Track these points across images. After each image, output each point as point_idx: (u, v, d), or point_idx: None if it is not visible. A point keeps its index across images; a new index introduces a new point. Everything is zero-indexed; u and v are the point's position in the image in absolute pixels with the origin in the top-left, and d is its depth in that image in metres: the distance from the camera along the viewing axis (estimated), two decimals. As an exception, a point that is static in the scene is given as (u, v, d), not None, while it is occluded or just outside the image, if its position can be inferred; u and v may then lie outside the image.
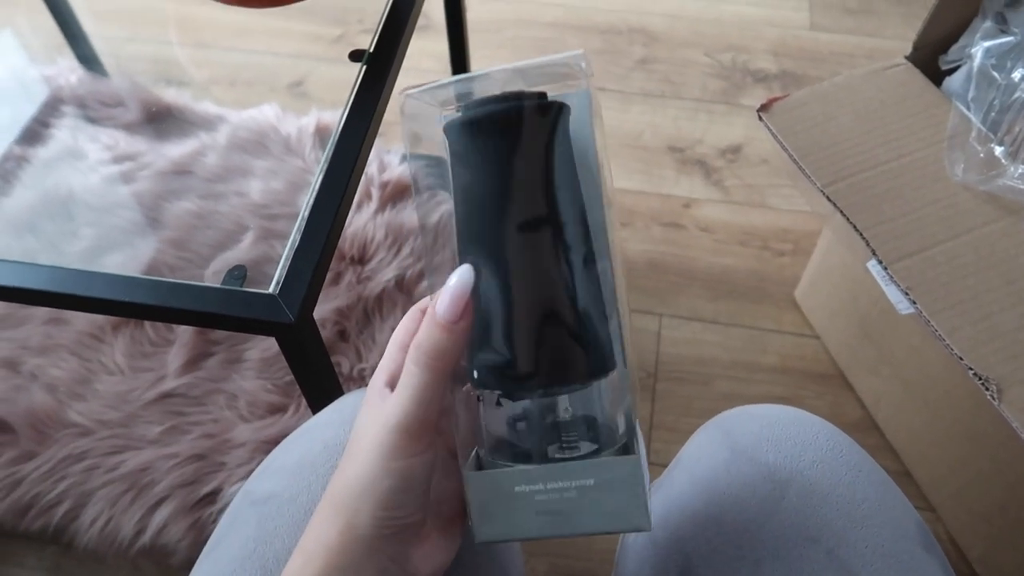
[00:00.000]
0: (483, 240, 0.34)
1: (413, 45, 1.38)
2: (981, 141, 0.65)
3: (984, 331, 0.58)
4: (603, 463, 0.32)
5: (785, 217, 1.16)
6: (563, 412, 0.35)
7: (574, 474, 0.32)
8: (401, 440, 0.32)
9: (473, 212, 0.34)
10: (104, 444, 0.84)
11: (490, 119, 0.34)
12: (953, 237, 0.63)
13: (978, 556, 0.85)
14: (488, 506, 0.33)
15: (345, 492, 0.33)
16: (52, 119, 1.08)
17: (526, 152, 0.34)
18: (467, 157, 0.34)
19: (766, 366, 1.02)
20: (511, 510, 0.33)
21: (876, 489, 0.42)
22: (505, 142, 0.34)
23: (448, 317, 0.32)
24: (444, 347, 0.32)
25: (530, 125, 0.34)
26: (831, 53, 1.40)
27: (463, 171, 0.35)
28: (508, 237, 0.33)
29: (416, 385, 0.32)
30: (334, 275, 0.96)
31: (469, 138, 0.34)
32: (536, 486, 0.32)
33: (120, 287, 0.50)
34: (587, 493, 0.32)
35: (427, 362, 0.32)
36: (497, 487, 0.33)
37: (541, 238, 0.33)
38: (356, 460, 0.33)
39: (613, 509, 0.32)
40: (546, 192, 0.34)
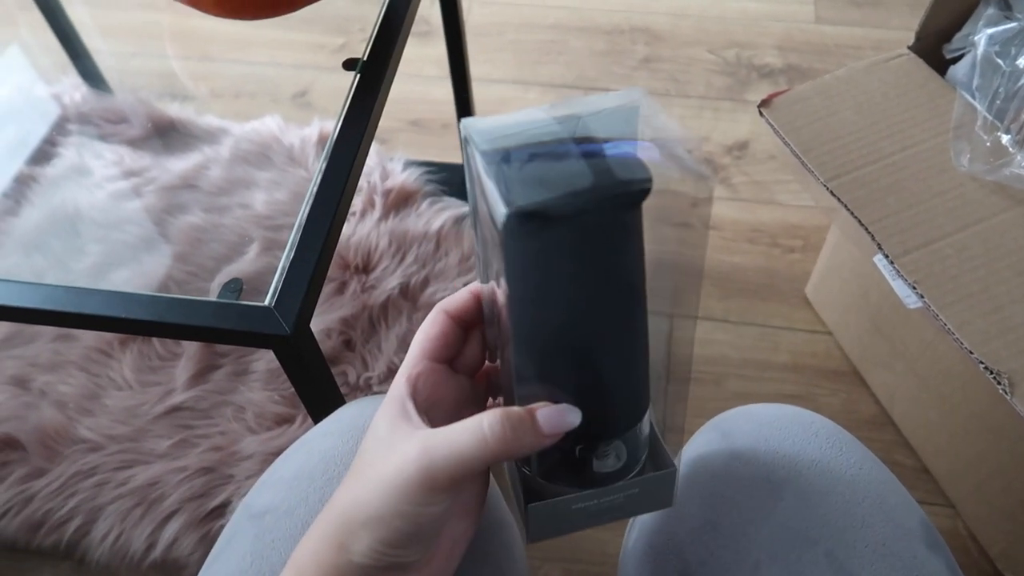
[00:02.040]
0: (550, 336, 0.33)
1: (414, 51, 1.39)
2: (987, 130, 0.63)
3: (995, 324, 0.57)
4: (649, 479, 0.36)
5: (794, 213, 1.15)
6: (614, 457, 0.37)
7: (624, 488, 0.36)
8: (420, 491, 0.30)
9: (540, 307, 0.32)
10: (113, 459, 0.85)
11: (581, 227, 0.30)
12: (961, 229, 0.61)
13: (999, 552, 0.83)
14: (546, 524, 0.36)
15: (349, 516, 0.31)
16: (58, 137, 1.09)
17: (611, 255, 0.32)
18: (540, 258, 0.31)
19: (778, 364, 1.01)
20: (566, 521, 0.36)
21: (877, 487, 0.42)
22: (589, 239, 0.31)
23: (547, 432, 0.32)
24: (526, 442, 0.31)
25: (626, 227, 0.32)
26: (837, 46, 1.38)
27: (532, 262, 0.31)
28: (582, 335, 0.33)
29: (474, 450, 0.30)
30: (338, 284, 0.96)
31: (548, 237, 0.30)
32: (591, 502, 0.35)
33: (116, 304, 0.50)
34: (632, 498, 0.36)
35: (505, 439, 0.30)
36: (557, 511, 0.35)
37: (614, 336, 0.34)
38: (368, 486, 0.31)
39: (648, 504, 0.37)
40: (630, 283, 0.33)
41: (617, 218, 0.31)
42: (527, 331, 0.33)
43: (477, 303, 0.37)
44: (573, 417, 0.32)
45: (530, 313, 0.32)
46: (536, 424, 0.31)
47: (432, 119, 1.30)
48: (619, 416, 0.35)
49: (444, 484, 0.30)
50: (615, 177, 0.30)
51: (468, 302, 0.37)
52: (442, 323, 0.37)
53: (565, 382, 0.33)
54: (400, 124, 1.29)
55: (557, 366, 0.33)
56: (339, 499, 0.33)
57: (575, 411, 0.33)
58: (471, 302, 0.37)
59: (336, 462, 0.43)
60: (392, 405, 0.34)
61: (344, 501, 0.32)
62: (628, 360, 0.34)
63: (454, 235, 1.01)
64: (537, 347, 0.33)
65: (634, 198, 0.31)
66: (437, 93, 1.32)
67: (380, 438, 0.33)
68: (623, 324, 0.34)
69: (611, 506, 0.36)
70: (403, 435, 0.32)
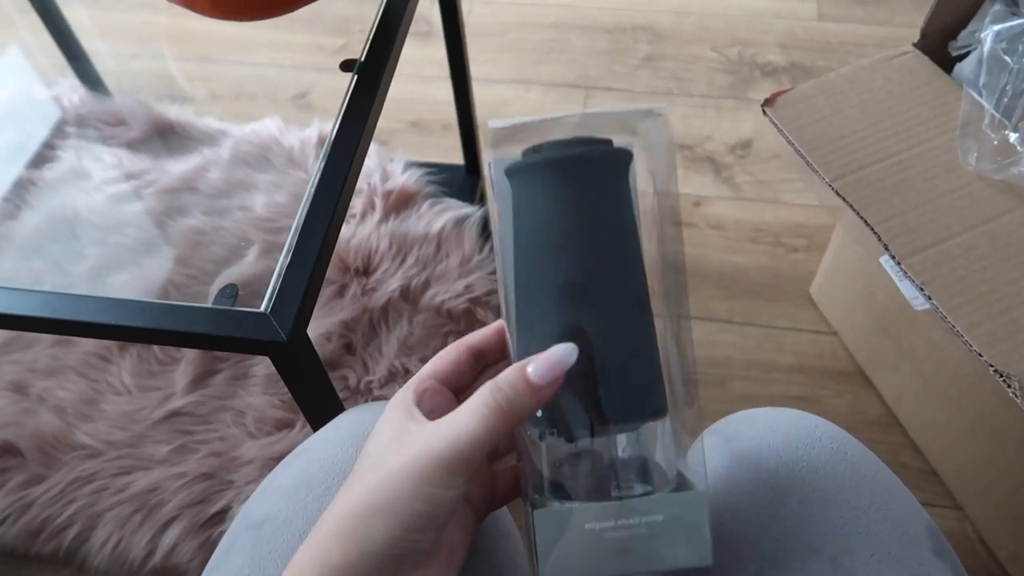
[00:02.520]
0: (549, 285, 0.34)
1: (415, 52, 1.38)
2: (994, 128, 0.62)
3: (1004, 325, 0.56)
4: (673, 498, 0.33)
5: (798, 212, 1.14)
6: (621, 452, 0.35)
7: (644, 510, 0.33)
8: (440, 471, 0.31)
9: (538, 255, 0.35)
10: (112, 465, 0.84)
11: (564, 162, 0.35)
12: (968, 229, 0.60)
13: (1008, 555, 0.82)
14: (556, 545, 0.32)
15: (362, 506, 0.31)
16: (56, 140, 1.08)
17: (600, 199, 0.35)
18: (535, 200, 0.35)
19: (783, 365, 1.00)
20: (579, 549, 0.32)
21: (882, 493, 0.41)
22: (579, 187, 0.35)
23: (539, 383, 0.32)
24: (522, 402, 0.32)
25: (602, 169, 0.35)
26: (840, 43, 1.37)
27: (528, 214, 0.35)
28: (575, 284, 0.34)
29: (478, 427, 0.31)
30: (338, 287, 0.95)
31: (540, 181, 0.35)
32: (607, 523, 0.32)
33: (109, 311, 0.49)
34: (656, 529, 0.33)
35: (501, 409, 0.31)
36: (566, 525, 0.32)
37: (606, 285, 0.34)
38: (379, 475, 0.32)
39: (679, 544, 0.33)
40: (614, 241, 0.35)
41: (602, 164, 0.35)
42: (526, 274, 0.35)
43: (499, 338, 0.38)
44: (565, 353, 0.32)
45: (527, 254, 0.35)
46: (527, 378, 0.32)
47: (432, 120, 1.29)
48: (627, 396, 0.34)
49: (458, 466, 0.31)
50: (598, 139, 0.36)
51: (490, 337, 0.38)
52: (459, 352, 0.38)
53: (564, 328, 0.34)
54: (400, 125, 1.28)
55: (554, 308, 0.34)
56: (346, 497, 0.33)
57: (566, 346, 0.32)
58: (493, 337, 0.38)
59: (336, 471, 0.42)
60: (398, 411, 0.34)
61: (355, 497, 0.32)
62: (631, 323, 0.34)
63: (455, 237, 1.01)
64: (536, 289, 0.35)
65: (611, 150, 0.36)
66: (437, 94, 1.31)
67: (386, 442, 0.33)
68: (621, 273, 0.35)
69: (632, 538, 0.33)
70: (413, 432, 0.33)
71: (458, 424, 0.31)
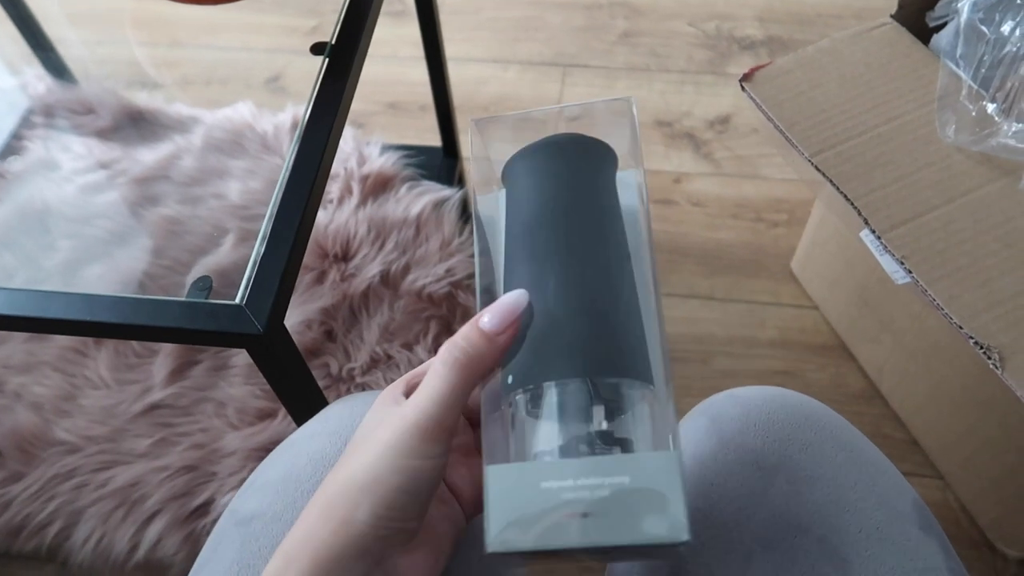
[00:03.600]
0: (533, 250, 0.35)
1: (390, 32, 1.36)
2: (972, 99, 0.62)
3: (983, 297, 0.56)
4: (641, 458, 0.30)
5: (778, 187, 1.14)
6: (597, 424, 0.31)
7: (609, 470, 0.29)
8: (415, 439, 0.31)
9: (525, 227, 0.36)
10: (92, 460, 0.83)
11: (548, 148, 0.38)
12: (948, 202, 0.60)
13: (989, 522, 0.83)
14: (509, 506, 0.29)
15: (345, 485, 0.31)
16: (23, 131, 1.05)
17: (579, 176, 0.37)
18: (522, 183, 0.38)
19: (765, 340, 1.00)
20: (535, 511, 0.29)
21: (868, 469, 0.41)
22: (560, 168, 0.37)
23: (493, 328, 0.32)
24: (479, 353, 0.32)
25: (584, 156, 0.38)
26: (818, 15, 1.37)
27: (518, 197, 0.38)
28: (556, 249, 0.35)
29: (440, 386, 0.31)
30: (317, 274, 0.94)
31: (527, 166, 0.38)
32: (566, 482, 0.29)
33: (79, 307, 0.48)
34: (622, 494, 0.29)
35: (459, 362, 0.32)
36: (522, 482, 0.29)
37: (590, 249, 0.35)
38: (361, 455, 0.32)
39: (647, 513, 0.29)
40: (593, 214, 0.36)
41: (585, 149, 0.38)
42: (511, 255, 0.36)
43: None
44: (515, 297, 0.33)
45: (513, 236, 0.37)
46: (480, 328, 0.32)
47: (409, 101, 1.27)
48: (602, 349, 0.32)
49: (434, 430, 0.31)
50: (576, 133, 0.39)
51: None
52: None
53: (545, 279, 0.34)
54: (377, 107, 1.27)
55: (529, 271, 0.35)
56: (331, 479, 0.33)
57: (515, 293, 0.33)
58: None
59: (324, 464, 0.42)
60: (385, 401, 0.35)
61: (340, 477, 0.32)
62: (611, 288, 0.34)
63: (434, 220, 1.00)
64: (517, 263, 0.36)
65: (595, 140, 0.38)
66: (414, 74, 1.29)
67: (370, 426, 0.34)
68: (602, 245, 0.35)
69: (594, 502, 0.29)
70: (391, 411, 0.33)
71: (424, 388, 0.32)
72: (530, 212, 0.37)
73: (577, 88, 1.28)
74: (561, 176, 0.37)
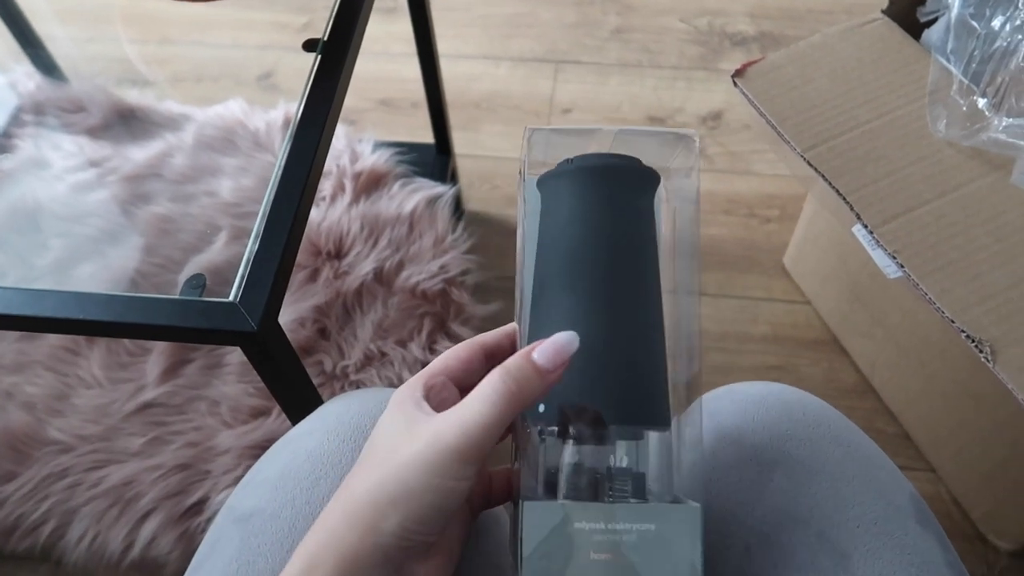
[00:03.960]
0: (564, 286, 0.35)
1: (381, 29, 1.35)
2: (963, 94, 0.62)
3: (975, 291, 0.56)
4: (667, 509, 0.33)
5: (770, 183, 1.14)
6: (618, 461, 0.35)
7: (636, 518, 0.32)
8: (454, 462, 0.31)
9: (558, 256, 0.36)
10: (86, 459, 0.83)
11: (594, 171, 0.36)
12: (939, 196, 0.61)
13: (981, 515, 0.84)
14: (542, 542, 0.32)
15: (376, 495, 0.31)
16: (13, 129, 1.05)
17: (624, 210, 0.36)
18: (563, 205, 0.37)
19: (758, 336, 1.00)
20: (565, 548, 0.32)
21: (866, 464, 0.41)
22: (605, 196, 0.36)
23: (546, 366, 0.32)
24: (531, 387, 0.32)
25: (630, 183, 0.37)
26: (809, 11, 1.37)
27: (558, 218, 0.37)
28: (590, 287, 0.35)
29: (488, 412, 0.31)
30: (311, 272, 0.94)
31: (570, 187, 0.37)
32: (597, 525, 0.32)
33: (72, 305, 0.48)
34: (646, 539, 0.32)
35: (510, 392, 0.31)
36: (556, 521, 0.32)
37: (621, 293, 0.35)
38: (392, 466, 0.31)
39: (667, 560, 0.32)
40: (634, 252, 0.36)
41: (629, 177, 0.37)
42: (543, 274, 0.36)
43: (511, 341, 0.38)
44: (569, 339, 0.33)
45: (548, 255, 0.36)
46: (532, 361, 0.32)
47: (402, 98, 1.27)
48: (628, 398, 0.34)
49: (470, 455, 0.31)
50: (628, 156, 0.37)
51: (502, 339, 0.38)
52: (472, 350, 0.37)
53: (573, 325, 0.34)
54: (369, 104, 1.26)
55: (567, 308, 0.35)
56: (358, 484, 0.32)
57: (569, 333, 0.33)
58: (505, 340, 0.38)
59: (322, 461, 0.42)
60: (406, 404, 0.34)
61: (368, 484, 0.32)
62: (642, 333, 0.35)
63: (427, 217, 0.99)
64: (551, 290, 0.36)
65: (640, 167, 0.37)
66: (406, 71, 1.29)
67: (396, 432, 0.33)
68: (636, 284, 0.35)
69: (620, 544, 0.32)
70: (422, 422, 0.33)
71: (469, 411, 0.31)
72: (570, 241, 0.36)
73: (569, 85, 1.28)
74: (605, 207, 0.36)
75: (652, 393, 0.35)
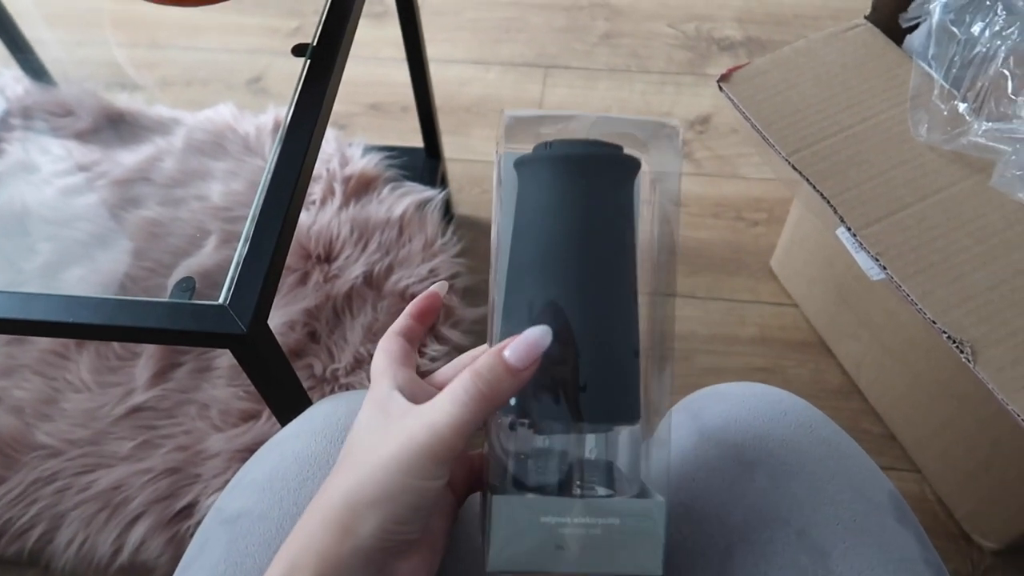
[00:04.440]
0: (538, 277, 0.35)
1: (370, 33, 1.36)
2: (944, 99, 0.63)
3: (956, 293, 0.57)
4: (633, 504, 0.33)
5: (757, 186, 1.15)
6: (588, 452, 0.35)
7: (603, 511, 0.33)
8: (427, 461, 0.31)
9: (532, 246, 0.35)
10: (74, 464, 0.82)
11: (574, 160, 0.35)
12: (921, 199, 0.61)
13: (965, 514, 0.85)
14: (511, 534, 0.33)
15: (353, 498, 0.32)
16: (1, 133, 1.05)
17: (601, 199, 0.35)
18: (540, 194, 0.35)
19: (745, 338, 1.01)
20: (532, 540, 0.33)
21: (846, 462, 0.42)
22: (584, 187, 0.35)
23: (517, 365, 0.32)
24: (502, 387, 0.32)
25: (610, 173, 0.35)
26: (795, 16, 1.38)
27: (530, 206, 0.36)
28: (565, 279, 0.34)
29: (460, 414, 0.31)
30: (301, 275, 0.94)
31: (546, 175, 0.35)
32: (564, 519, 0.33)
33: (61, 308, 0.48)
34: (611, 532, 0.33)
35: (481, 394, 0.32)
36: (524, 514, 0.33)
37: (595, 287, 0.34)
38: (371, 469, 0.32)
39: (630, 551, 0.33)
40: (611, 246, 0.35)
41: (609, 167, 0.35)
42: (518, 263, 0.35)
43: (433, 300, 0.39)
44: (540, 334, 0.32)
45: (523, 245, 0.35)
46: (504, 360, 0.32)
47: (391, 102, 1.27)
48: (601, 394, 0.34)
49: (444, 455, 0.31)
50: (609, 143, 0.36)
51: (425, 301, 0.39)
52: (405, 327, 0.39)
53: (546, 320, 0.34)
54: (359, 108, 1.27)
55: (540, 301, 0.34)
56: (335, 488, 0.33)
57: (540, 328, 0.33)
58: (427, 300, 0.39)
59: (310, 463, 0.42)
60: (379, 402, 0.35)
61: (345, 487, 0.32)
62: (616, 328, 0.35)
63: (417, 221, 1.00)
64: (525, 280, 0.35)
65: (620, 156, 0.36)
66: (396, 76, 1.29)
67: (372, 429, 0.34)
68: (612, 279, 0.35)
69: (586, 537, 0.33)
70: (396, 416, 0.33)
71: (440, 412, 0.32)
72: (544, 231, 0.35)
73: (558, 89, 1.29)
74: (581, 198, 0.35)
75: (624, 387, 0.35)
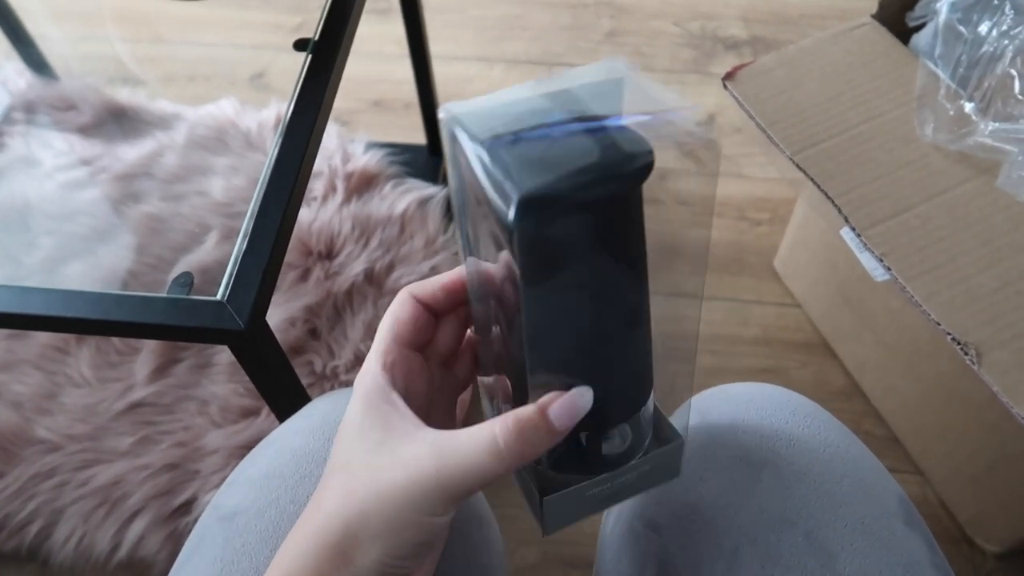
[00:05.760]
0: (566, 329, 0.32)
1: (374, 30, 1.36)
2: (950, 98, 0.63)
3: (961, 294, 0.56)
4: (659, 454, 0.36)
5: (761, 186, 1.15)
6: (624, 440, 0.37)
7: (635, 467, 0.35)
8: (439, 502, 0.30)
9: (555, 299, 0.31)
10: (74, 459, 0.82)
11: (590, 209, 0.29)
12: (926, 200, 0.61)
13: (968, 518, 0.84)
14: (562, 512, 0.35)
15: (352, 528, 0.30)
16: (3, 127, 1.04)
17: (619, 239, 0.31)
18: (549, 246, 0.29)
19: (748, 338, 1.00)
20: (581, 509, 0.36)
21: (855, 465, 0.41)
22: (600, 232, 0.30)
23: (560, 429, 0.31)
24: (542, 446, 0.31)
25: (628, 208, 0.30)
26: (801, 16, 1.37)
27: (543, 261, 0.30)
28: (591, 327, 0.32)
29: (492, 466, 0.30)
30: (301, 272, 0.94)
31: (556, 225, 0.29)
32: (604, 486, 0.35)
33: (60, 303, 0.48)
34: (643, 475, 0.36)
35: (521, 452, 0.30)
36: (572, 497, 0.35)
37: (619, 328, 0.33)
38: (371, 500, 0.30)
39: (657, 477, 0.37)
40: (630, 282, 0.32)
41: (628, 194, 0.30)
42: (541, 321, 0.31)
43: (446, 293, 0.36)
44: (584, 400, 0.31)
45: (545, 302, 0.31)
46: (548, 422, 0.30)
47: (394, 99, 1.27)
48: (628, 400, 0.35)
49: (459, 496, 0.30)
50: (623, 151, 0.29)
51: (437, 291, 0.36)
52: (412, 307, 0.35)
53: (579, 370, 0.32)
54: (362, 104, 1.26)
55: (571, 354, 0.32)
56: (336, 512, 0.31)
57: (585, 392, 0.32)
58: (440, 292, 0.36)
59: (308, 460, 0.42)
60: (373, 397, 0.33)
61: (346, 515, 0.30)
62: (637, 343, 0.34)
63: (419, 218, 0.99)
64: (552, 337, 0.32)
65: (640, 173, 0.30)
66: (399, 72, 1.29)
67: (369, 438, 0.32)
68: (632, 306, 0.33)
69: (623, 486, 0.36)
70: (402, 435, 0.31)
71: (466, 456, 0.30)
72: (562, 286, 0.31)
73: (562, 87, 1.29)
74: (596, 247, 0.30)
75: (645, 380, 0.35)
